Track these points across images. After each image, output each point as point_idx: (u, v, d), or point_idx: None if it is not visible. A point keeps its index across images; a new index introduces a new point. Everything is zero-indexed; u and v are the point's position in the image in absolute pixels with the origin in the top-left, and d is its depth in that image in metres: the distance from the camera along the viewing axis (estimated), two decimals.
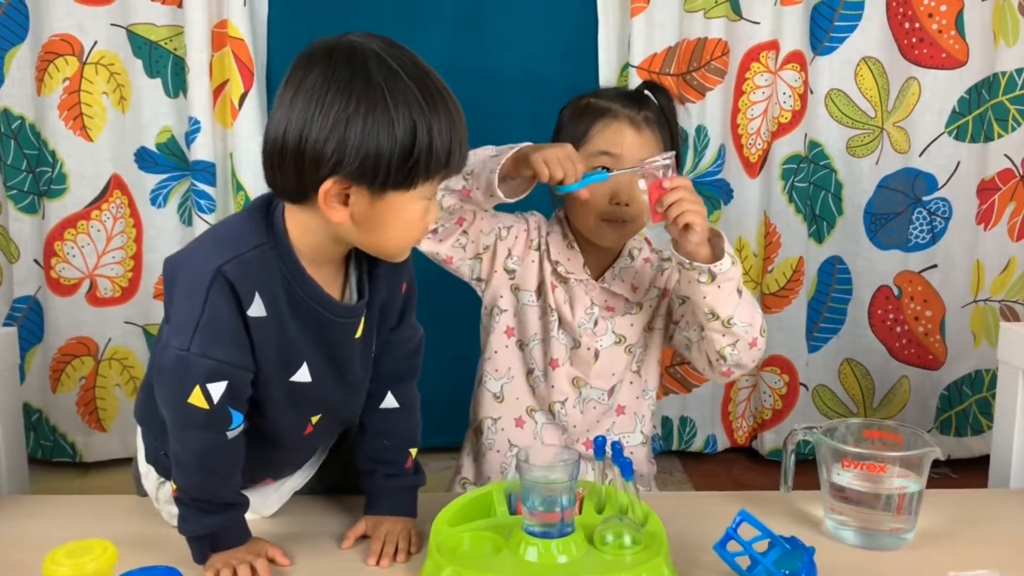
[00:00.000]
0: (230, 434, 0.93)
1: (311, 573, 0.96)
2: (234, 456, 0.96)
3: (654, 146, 1.20)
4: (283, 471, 1.10)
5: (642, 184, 1.09)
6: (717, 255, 1.10)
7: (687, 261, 1.09)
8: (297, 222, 0.92)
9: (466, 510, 1.00)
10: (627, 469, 0.96)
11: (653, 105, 1.23)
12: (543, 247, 1.26)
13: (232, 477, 0.96)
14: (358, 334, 0.99)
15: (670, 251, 1.13)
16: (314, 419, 1.02)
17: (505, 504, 1.02)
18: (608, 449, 0.99)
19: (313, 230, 0.92)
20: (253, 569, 0.93)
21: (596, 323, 1.25)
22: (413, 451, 1.09)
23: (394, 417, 1.08)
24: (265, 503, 1.08)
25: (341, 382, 1.01)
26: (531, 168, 1.08)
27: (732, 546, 0.87)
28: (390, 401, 1.07)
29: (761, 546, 0.87)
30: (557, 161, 1.07)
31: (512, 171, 1.11)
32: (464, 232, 1.22)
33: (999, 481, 1.26)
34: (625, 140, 1.18)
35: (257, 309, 0.91)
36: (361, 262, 0.99)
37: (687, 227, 1.07)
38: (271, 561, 0.96)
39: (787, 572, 0.84)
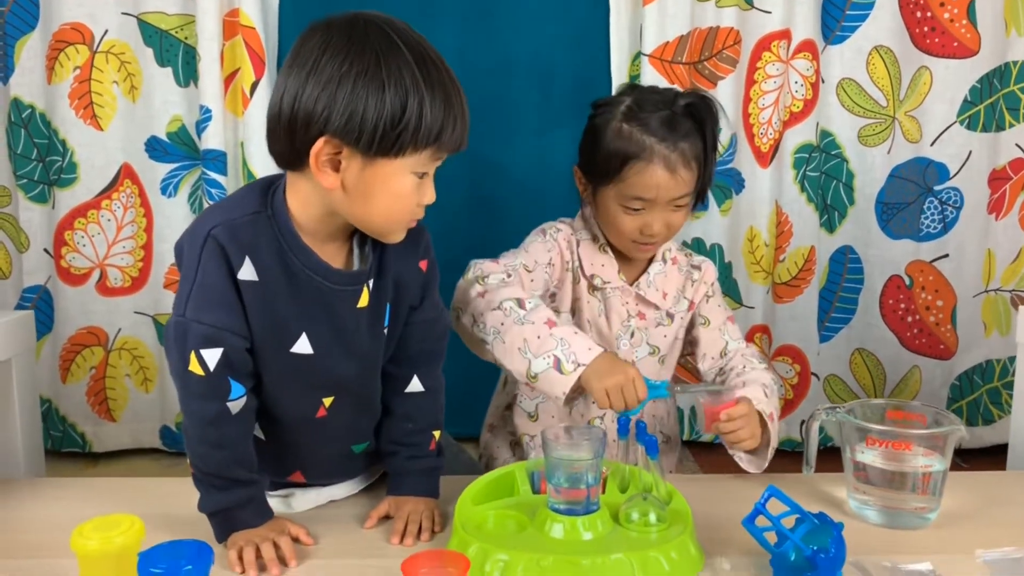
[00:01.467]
0: (231, 406, 0.93)
1: (334, 552, 0.96)
2: (238, 431, 0.95)
3: (689, 181, 1.16)
4: (313, 467, 1.07)
5: (699, 400, 1.13)
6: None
7: (731, 450, 1.15)
8: (297, 195, 0.93)
9: (489, 489, 1.00)
10: (652, 447, 0.96)
11: (694, 128, 1.16)
12: (576, 262, 1.24)
13: (238, 454, 0.96)
14: (361, 303, 0.98)
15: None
16: (326, 401, 1.01)
17: (528, 483, 1.02)
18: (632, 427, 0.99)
19: (312, 202, 0.93)
20: (277, 547, 0.93)
21: (632, 334, 1.25)
22: (436, 433, 1.08)
23: (419, 401, 1.07)
24: (302, 501, 1.07)
25: (348, 355, 0.99)
26: (591, 395, 1.07)
27: (760, 521, 0.87)
28: (415, 385, 1.07)
29: (789, 522, 0.87)
30: (619, 391, 1.04)
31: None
32: None
33: (1018, 464, 1.26)
34: (660, 184, 1.15)
35: (248, 273, 0.91)
36: (368, 237, 0.98)
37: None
38: (295, 540, 0.95)
39: (815, 548, 0.84)
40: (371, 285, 0.99)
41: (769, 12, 1.85)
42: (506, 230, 1.34)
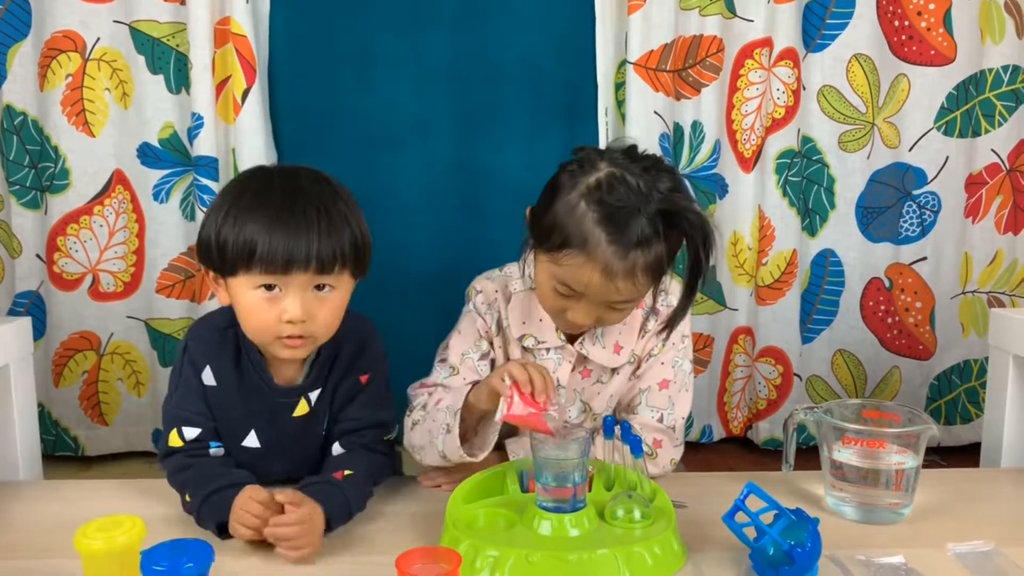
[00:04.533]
0: (211, 451, 1.09)
1: (329, 550, 0.98)
2: (213, 469, 1.07)
3: (632, 292, 1.02)
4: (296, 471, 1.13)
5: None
6: None
7: None
8: None
9: (479, 488, 1.03)
10: (636, 447, 1.00)
11: (659, 237, 0.98)
12: (504, 325, 1.18)
13: (211, 470, 1.07)
14: (297, 412, 1.10)
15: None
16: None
17: (517, 482, 1.05)
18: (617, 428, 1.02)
19: None
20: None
21: (562, 395, 1.18)
22: (347, 472, 1.07)
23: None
24: None
25: (289, 455, 1.12)
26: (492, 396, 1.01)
27: (740, 517, 0.91)
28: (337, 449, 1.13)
29: (767, 517, 0.90)
30: (515, 368, 0.99)
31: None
32: None
33: (990, 462, 1.30)
34: (591, 285, 1.01)
35: (208, 378, 1.09)
36: (321, 352, 1.10)
37: None
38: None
39: (792, 542, 0.87)
40: (314, 397, 1.11)
41: (751, 21, 1.89)
42: (496, 235, 1.37)
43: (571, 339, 1.16)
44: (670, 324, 1.11)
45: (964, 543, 0.96)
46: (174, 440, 1.08)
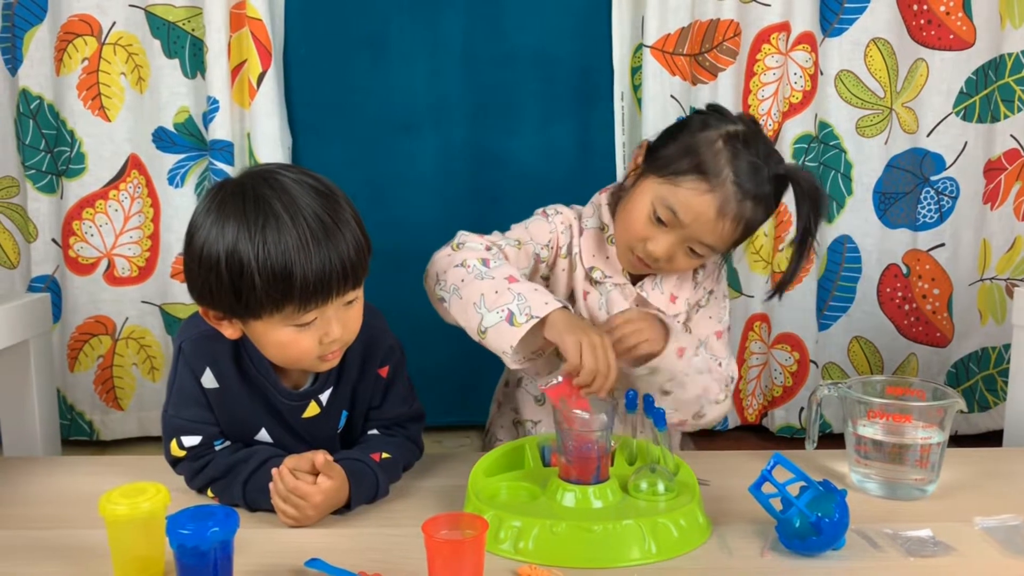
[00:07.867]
0: (217, 448, 1.05)
1: (355, 521, 0.98)
2: (226, 460, 1.03)
3: (725, 236, 1.08)
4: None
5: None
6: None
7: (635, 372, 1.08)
8: None
9: (501, 462, 1.03)
10: (660, 420, 0.99)
11: (768, 195, 1.07)
12: (575, 250, 1.19)
13: (227, 459, 1.03)
14: (307, 414, 1.06)
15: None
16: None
17: (539, 456, 1.04)
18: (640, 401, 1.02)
19: None
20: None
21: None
22: (385, 455, 1.07)
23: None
24: None
25: (305, 447, 1.04)
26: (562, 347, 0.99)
27: (766, 488, 0.90)
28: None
29: (794, 489, 0.90)
30: (593, 349, 0.97)
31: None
32: None
33: (1014, 442, 1.29)
34: (700, 217, 1.06)
35: (209, 381, 1.03)
36: None
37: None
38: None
39: (820, 514, 0.86)
40: (325, 397, 1.06)
41: (768, 5, 1.88)
42: (507, 221, 1.36)
43: (632, 281, 1.19)
44: (780, 287, 1.19)
45: (992, 517, 0.95)
46: (175, 450, 1.04)
